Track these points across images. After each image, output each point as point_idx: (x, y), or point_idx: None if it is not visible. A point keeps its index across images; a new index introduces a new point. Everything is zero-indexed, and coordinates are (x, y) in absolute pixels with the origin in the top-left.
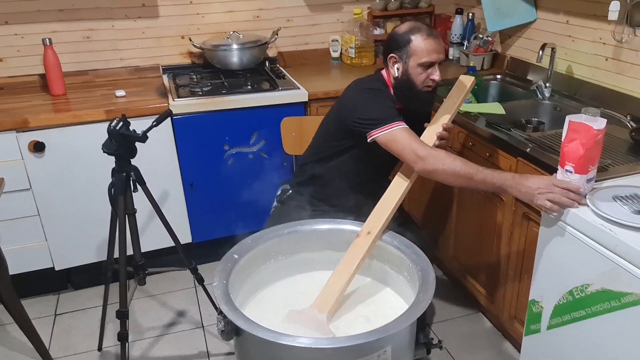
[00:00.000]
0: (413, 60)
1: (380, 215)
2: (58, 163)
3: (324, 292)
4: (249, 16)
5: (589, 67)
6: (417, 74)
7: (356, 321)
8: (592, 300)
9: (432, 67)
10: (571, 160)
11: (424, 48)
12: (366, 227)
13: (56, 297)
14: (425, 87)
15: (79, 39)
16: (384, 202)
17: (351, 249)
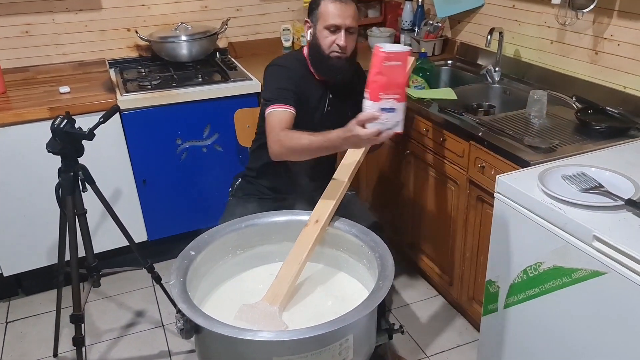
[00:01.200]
0: (320, 24)
1: (327, 203)
2: (1, 164)
3: (275, 284)
4: (196, 6)
5: (535, 50)
6: (324, 37)
7: (318, 311)
8: (545, 278)
9: (339, 32)
10: (366, 87)
11: (329, 11)
12: (314, 215)
13: (6, 304)
14: (332, 53)
15: (17, 34)
16: (331, 189)
17: (300, 239)
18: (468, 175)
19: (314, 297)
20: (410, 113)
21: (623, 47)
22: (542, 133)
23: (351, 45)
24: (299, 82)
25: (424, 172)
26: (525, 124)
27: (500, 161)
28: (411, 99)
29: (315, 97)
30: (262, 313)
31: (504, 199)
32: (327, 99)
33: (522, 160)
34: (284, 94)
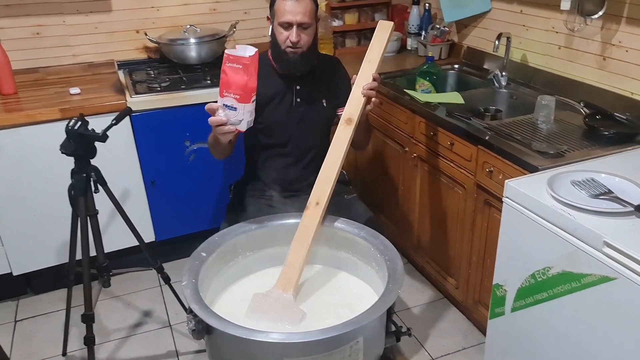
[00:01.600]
0: (275, 20)
1: (324, 185)
2: (12, 165)
3: (285, 270)
4: (205, 9)
5: (543, 55)
6: (279, 33)
7: (326, 313)
8: (553, 283)
9: (291, 29)
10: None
11: (282, 9)
12: (313, 197)
13: (15, 303)
14: (287, 48)
15: (28, 35)
16: (326, 170)
17: (303, 223)
18: (475, 180)
19: (322, 299)
20: (417, 116)
21: (631, 54)
22: (550, 138)
23: (306, 40)
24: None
25: (430, 176)
26: (533, 129)
27: (508, 166)
28: (418, 102)
29: (280, 91)
30: (276, 301)
31: (513, 204)
32: (293, 91)
33: (531, 165)
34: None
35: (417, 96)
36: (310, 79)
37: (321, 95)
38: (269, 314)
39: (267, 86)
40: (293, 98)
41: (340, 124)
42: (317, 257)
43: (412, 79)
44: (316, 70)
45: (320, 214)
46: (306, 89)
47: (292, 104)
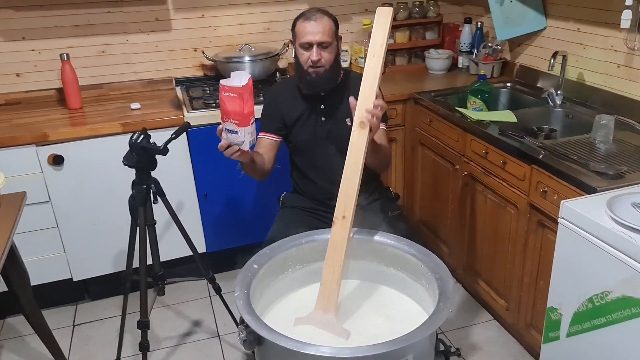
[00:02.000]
0: (297, 42)
1: (347, 197)
2: (76, 176)
3: (322, 290)
4: (259, 28)
5: (601, 74)
6: (300, 54)
7: (374, 329)
8: (612, 308)
9: (311, 49)
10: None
11: (302, 30)
12: (339, 212)
13: (74, 308)
14: (309, 68)
15: (94, 54)
16: (346, 181)
17: (332, 239)
18: (529, 199)
19: (370, 315)
20: (469, 134)
21: None
22: (608, 159)
23: (327, 58)
24: (284, 104)
25: (481, 195)
26: (590, 149)
27: (564, 186)
28: (470, 120)
29: (305, 112)
30: (319, 323)
31: (569, 225)
32: (318, 111)
33: (588, 186)
34: (263, 120)
35: (469, 114)
36: (335, 98)
37: (345, 114)
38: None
39: (293, 108)
40: (318, 117)
41: (354, 129)
42: (365, 273)
43: (463, 96)
44: (342, 88)
45: (349, 228)
46: (331, 108)
47: (317, 123)
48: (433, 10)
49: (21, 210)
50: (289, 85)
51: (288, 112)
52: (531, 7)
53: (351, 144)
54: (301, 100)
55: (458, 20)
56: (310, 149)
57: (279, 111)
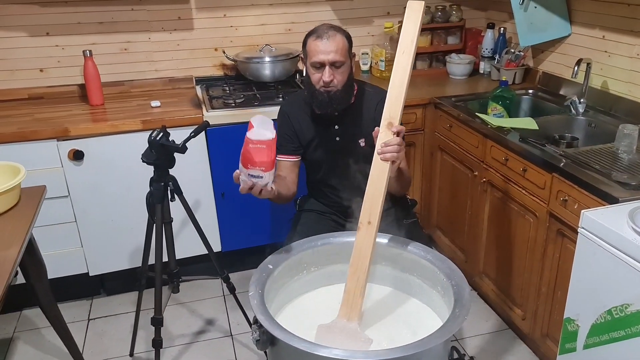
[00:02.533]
0: (308, 61)
1: (374, 204)
2: (96, 171)
3: (346, 298)
4: (281, 29)
5: (625, 82)
6: (312, 73)
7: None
8: (632, 321)
9: (323, 68)
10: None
11: (312, 49)
12: (364, 217)
13: (89, 302)
14: (321, 87)
15: (116, 51)
16: (372, 187)
17: (356, 245)
18: (549, 208)
19: (384, 320)
20: (489, 141)
21: None
22: (631, 169)
23: (340, 78)
24: (297, 123)
25: (500, 202)
26: (613, 158)
27: (585, 195)
28: (490, 126)
29: (320, 131)
30: (342, 331)
31: (589, 235)
32: (332, 131)
33: (610, 196)
34: (280, 141)
35: (490, 120)
36: (349, 117)
37: (359, 134)
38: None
39: (307, 128)
40: (332, 137)
41: (381, 131)
42: (381, 278)
43: (484, 102)
44: (356, 108)
45: (374, 234)
46: (345, 128)
47: (331, 143)
48: (456, 15)
49: (40, 204)
50: (301, 103)
51: (302, 131)
52: (556, 14)
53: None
54: (314, 119)
55: (481, 25)
56: (326, 168)
57: (292, 130)
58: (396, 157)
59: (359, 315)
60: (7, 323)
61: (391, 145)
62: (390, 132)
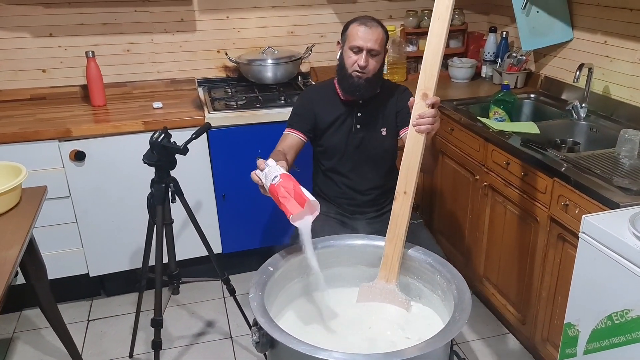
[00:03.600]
0: (346, 44)
1: (409, 174)
2: (97, 172)
3: (385, 262)
4: (283, 32)
5: (627, 87)
6: (348, 57)
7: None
8: (632, 326)
9: (361, 53)
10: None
11: (354, 33)
12: (400, 187)
13: (89, 303)
14: (354, 72)
15: (119, 52)
16: (408, 158)
17: (393, 213)
18: (549, 213)
19: (386, 323)
20: (490, 145)
21: None
22: (632, 174)
23: (373, 66)
24: (319, 105)
25: (501, 206)
26: (614, 163)
27: (586, 200)
28: (492, 130)
29: (341, 116)
30: (382, 291)
31: (590, 240)
32: (354, 118)
33: (611, 201)
34: (294, 118)
35: (491, 124)
36: (373, 106)
37: (381, 123)
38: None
39: (329, 111)
40: (353, 124)
41: (416, 102)
42: None
43: (486, 106)
44: (380, 98)
45: (410, 203)
46: (367, 116)
47: (352, 129)
48: (458, 19)
49: (41, 204)
50: (327, 89)
51: (323, 115)
52: (558, 18)
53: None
54: (338, 105)
55: (483, 29)
56: (340, 155)
57: (312, 112)
58: (431, 128)
59: (397, 277)
60: (7, 323)
61: (426, 118)
62: (424, 103)
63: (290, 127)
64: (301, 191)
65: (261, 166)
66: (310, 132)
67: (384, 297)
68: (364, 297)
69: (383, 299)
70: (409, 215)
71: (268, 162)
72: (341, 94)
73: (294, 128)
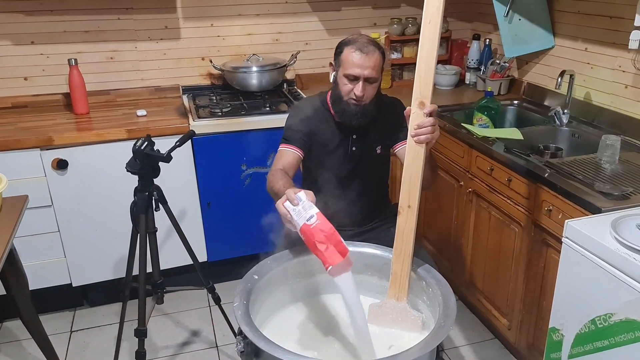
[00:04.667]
0: (341, 70)
1: (412, 187)
2: (80, 181)
3: (394, 280)
4: (268, 39)
5: (608, 94)
6: (343, 84)
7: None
8: (616, 330)
9: (357, 82)
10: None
11: (349, 60)
12: (403, 201)
13: (72, 314)
14: (350, 100)
15: (102, 60)
16: (409, 171)
17: (399, 229)
18: (533, 218)
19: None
20: (474, 151)
21: None
22: (614, 179)
23: (370, 93)
24: (314, 124)
25: (485, 212)
26: (596, 169)
27: (569, 205)
28: (476, 136)
29: (335, 139)
30: (393, 310)
31: (573, 245)
32: (349, 140)
33: (593, 205)
34: (292, 134)
35: (475, 130)
36: (368, 127)
37: (377, 143)
38: (389, 323)
39: (324, 131)
40: (349, 147)
41: (413, 112)
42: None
43: (470, 113)
44: (375, 116)
45: (415, 217)
46: (362, 138)
47: (347, 152)
48: (442, 26)
49: (22, 214)
50: (321, 107)
51: (318, 134)
52: (540, 26)
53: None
54: (332, 126)
55: (466, 36)
56: (334, 175)
57: (308, 129)
58: (430, 138)
59: (407, 294)
60: None
61: (425, 127)
62: (422, 112)
63: (288, 143)
64: (340, 238)
65: (294, 202)
66: (306, 149)
67: (395, 317)
68: (374, 318)
69: (394, 318)
70: (414, 229)
71: (300, 195)
72: (335, 116)
73: (292, 144)
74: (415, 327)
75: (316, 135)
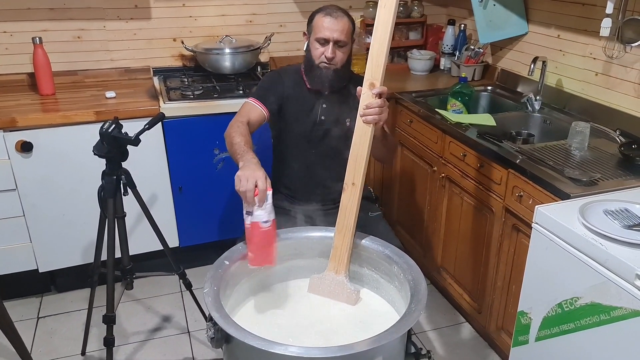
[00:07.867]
0: (312, 36)
1: (357, 166)
2: (45, 164)
3: (334, 253)
4: (241, 20)
5: (579, 81)
6: (315, 48)
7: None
8: (581, 314)
9: (327, 45)
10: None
11: (320, 25)
12: (348, 178)
13: (39, 300)
14: (321, 63)
15: (69, 39)
16: (356, 150)
17: (342, 205)
18: (504, 204)
19: (342, 314)
20: (448, 137)
21: None
22: (583, 165)
23: (340, 57)
24: (288, 89)
25: (458, 197)
26: (566, 155)
27: (539, 191)
28: (449, 122)
29: (307, 106)
30: (331, 282)
31: (542, 230)
32: (319, 108)
33: (562, 192)
34: (262, 92)
35: (449, 116)
36: (338, 97)
37: (346, 114)
38: (329, 295)
39: (296, 97)
40: (318, 115)
41: (363, 92)
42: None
43: (444, 98)
44: (345, 90)
45: (358, 195)
46: (332, 107)
47: (316, 121)
48: (417, 11)
49: None
50: (295, 75)
51: (290, 100)
52: (514, 12)
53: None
54: (305, 93)
55: (442, 21)
56: (304, 144)
57: (281, 93)
58: (378, 119)
59: (346, 269)
60: None
61: (372, 108)
62: (371, 93)
63: (258, 99)
64: (274, 250)
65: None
66: (274, 112)
67: (333, 289)
68: (314, 288)
69: (332, 290)
70: (357, 206)
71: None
72: (308, 83)
73: (262, 101)
74: (350, 300)
75: (288, 99)
